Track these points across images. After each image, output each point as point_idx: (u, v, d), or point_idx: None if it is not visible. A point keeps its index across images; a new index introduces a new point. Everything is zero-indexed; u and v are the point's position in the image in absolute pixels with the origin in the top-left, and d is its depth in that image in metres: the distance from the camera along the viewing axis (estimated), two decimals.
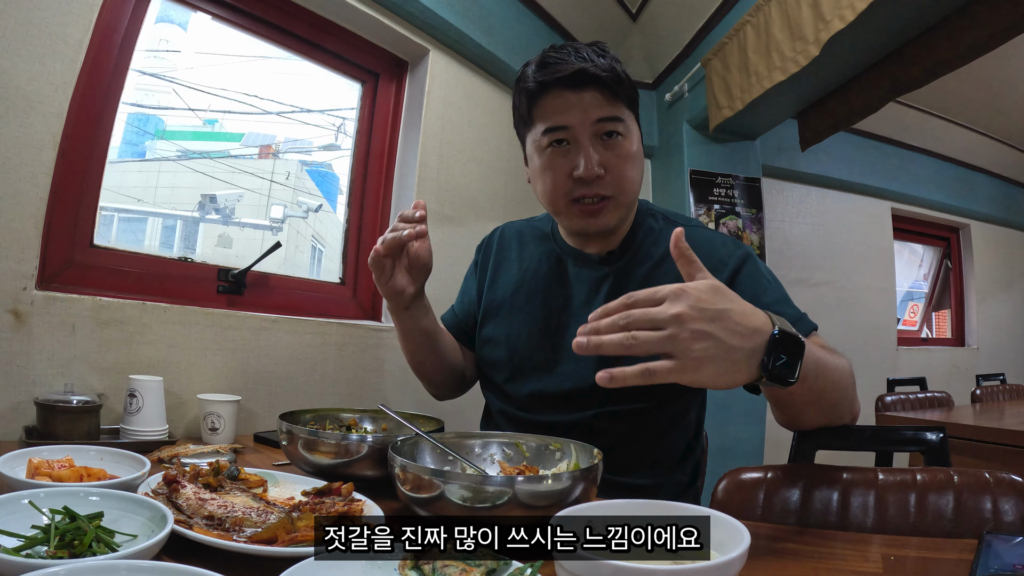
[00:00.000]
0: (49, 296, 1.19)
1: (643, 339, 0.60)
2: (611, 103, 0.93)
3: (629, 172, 0.95)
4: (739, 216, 2.70)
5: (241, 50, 1.74)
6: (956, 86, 3.03)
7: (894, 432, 0.87)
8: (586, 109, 0.92)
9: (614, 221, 0.98)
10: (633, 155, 0.96)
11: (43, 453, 0.79)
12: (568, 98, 0.93)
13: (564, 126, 0.93)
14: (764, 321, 0.65)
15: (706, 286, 0.63)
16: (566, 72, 0.91)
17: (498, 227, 1.22)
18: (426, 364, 1.10)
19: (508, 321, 1.08)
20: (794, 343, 0.65)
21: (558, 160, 0.95)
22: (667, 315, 0.60)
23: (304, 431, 0.87)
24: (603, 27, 2.66)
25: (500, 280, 1.13)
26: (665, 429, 1.02)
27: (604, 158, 0.93)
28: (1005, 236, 4.51)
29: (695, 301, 0.61)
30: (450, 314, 1.21)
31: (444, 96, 2.03)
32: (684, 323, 0.60)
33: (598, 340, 0.61)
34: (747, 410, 2.48)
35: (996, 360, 4.20)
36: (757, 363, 0.64)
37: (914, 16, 1.94)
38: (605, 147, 0.94)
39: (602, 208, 0.96)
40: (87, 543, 0.52)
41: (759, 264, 1.00)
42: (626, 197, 0.97)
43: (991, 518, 0.69)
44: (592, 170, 0.92)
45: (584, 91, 0.92)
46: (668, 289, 0.62)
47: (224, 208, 1.77)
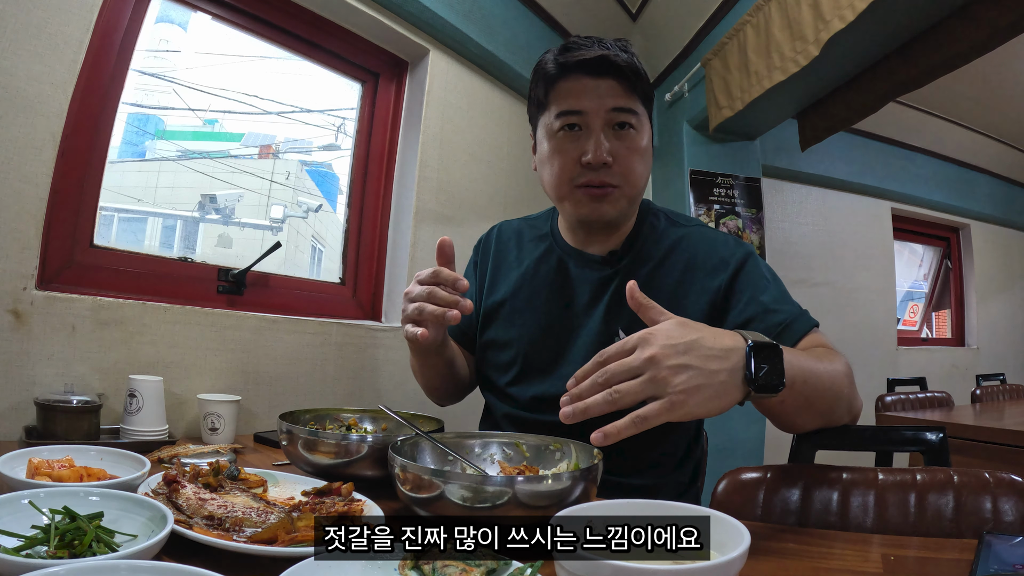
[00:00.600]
0: (49, 296, 1.19)
1: (625, 390, 0.62)
2: (627, 95, 0.94)
3: (637, 165, 0.96)
4: (739, 216, 2.70)
5: (241, 50, 1.74)
6: (956, 86, 3.03)
7: (894, 432, 0.87)
8: (602, 96, 0.93)
9: (616, 212, 0.98)
10: (643, 150, 0.97)
11: (43, 453, 0.78)
12: (586, 83, 0.93)
13: (579, 111, 0.94)
14: (736, 339, 0.67)
15: (670, 324, 0.66)
16: (587, 57, 0.92)
17: (494, 226, 1.21)
18: (440, 387, 1.11)
19: (511, 324, 1.07)
20: (771, 349, 0.66)
21: (568, 144, 0.96)
22: (641, 359, 0.62)
23: (304, 431, 0.87)
24: (603, 27, 2.65)
25: (500, 282, 1.12)
26: (666, 431, 1.01)
27: (614, 147, 0.94)
28: (1005, 236, 4.51)
29: (664, 339, 0.63)
30: (455, 328, 1.19)
31: (444, 96, 2.03)
32: (659, 363, 0.61)
33: (583, 405, 0.63)
34: (747, 410, 2.45)
35: (996, 360, 4.21)
36: (741, 379, 0.65)
37: (914, 16, 1.94)
38: (616, 137, 0.94)
39: (607, 194, 0.96)
40: (87, 543, 0.52)
41: (759, 263, 1.00)
42: (631, 189, 0.97)
43: (991, 518, 0.69)
44: (601, 156, 0.92)
45: (602, 79, 0.93)
46: (635, 337, 0.64)
47: (224, 208, 1.77)
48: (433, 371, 1.06)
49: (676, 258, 1.00)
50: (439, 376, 1.07)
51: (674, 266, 1.00)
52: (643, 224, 1.05)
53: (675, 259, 1.00)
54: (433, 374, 1.07)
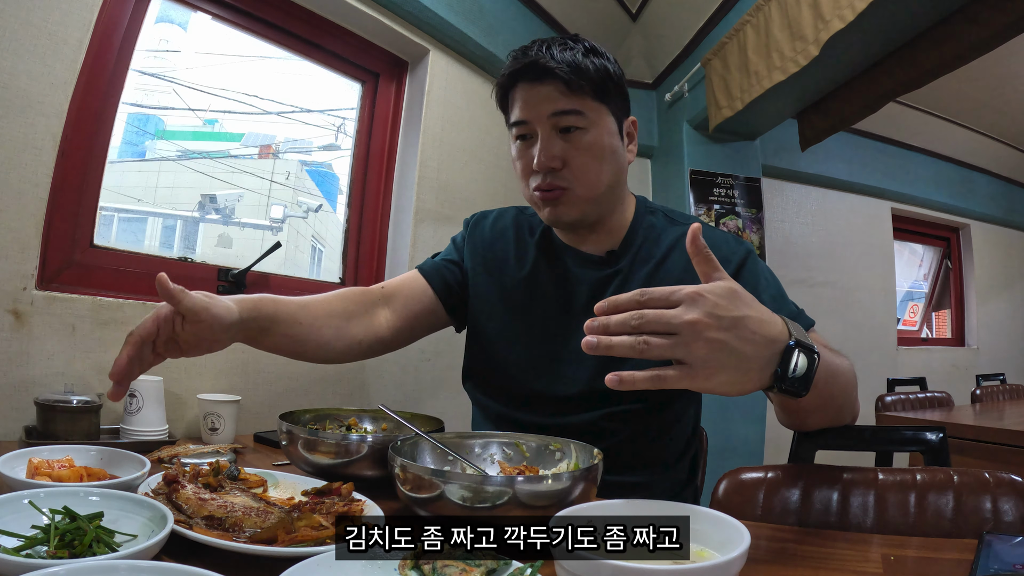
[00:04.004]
0: (49, 296, 1.19)
1: (656, 345, 0.58)
2: (568, 96, 0.92)
3: (590, 164, 0.94)
4: (739, 216, 2.70)
5: (241, 50, 1.74)
6: (956, 86, 3.03)
7: (894, 432, 0.87)
8: (541, 103, 0.93)
9: (577, 213, 0.97)
10: (597, 148, 0.94)
11: (43, 453, 0.78)
12: (527, 91, 0.94)
13: (523, 120, 0.95)
14: (780, 330, 0.64)
15: (723, 290, 0.61)
16: (520, 66, 0.93)
17: (487, 212, 1.19)
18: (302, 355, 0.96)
19: (508, 321, 1.06)
20: (809, 353, 0.64)
21: (524, 152, 0.97)
22: (682, 320, 0.58)
23: (304, 431, 0.87)
24: (603, 27, 2.66)
25: (496, 275, 1.09)
26: (665, 428, 1.02)
27: (562, 150, 0.93)
28: (1005, 236, 4.51)
29: (712, 307, 0.59)
30: (434, 270, 1.11)
31: (444, 96, 2.03)
32: (699, 331, 0.58)
33: (608, 341, 0.59)
34: (747, 410, 2.47)
35: (996, 360, 4.20)
36: (771, 373, 0.63)
37: (914, 16, 1.94)
38: (564, 139, 0.94)
39: (557, 197, 0.95)
40: (87, 543, 0.52)
41: (759, 262, 1.00)
42: (587, 191, 0.95)
43: (991, 518, 0.69)
44: (544, 163, 0.92)
45: (541, 84, 0.92)
46: (685, 292, 0.59)
47: (224, 208, 1.77)
48: (273, 351, 0.92)
49: (676, 257, 1.00)
50: (282, 352, 0.93)
51: (675, 264, 1.00)
52: (642, 223, 1.04)
53: (675, 258, 1.00)
54: (276, 352, 0.93)
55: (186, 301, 0.75)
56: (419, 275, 1.11)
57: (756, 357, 0.61)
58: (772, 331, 0.63)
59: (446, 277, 1.10)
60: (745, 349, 0.60)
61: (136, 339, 0.74)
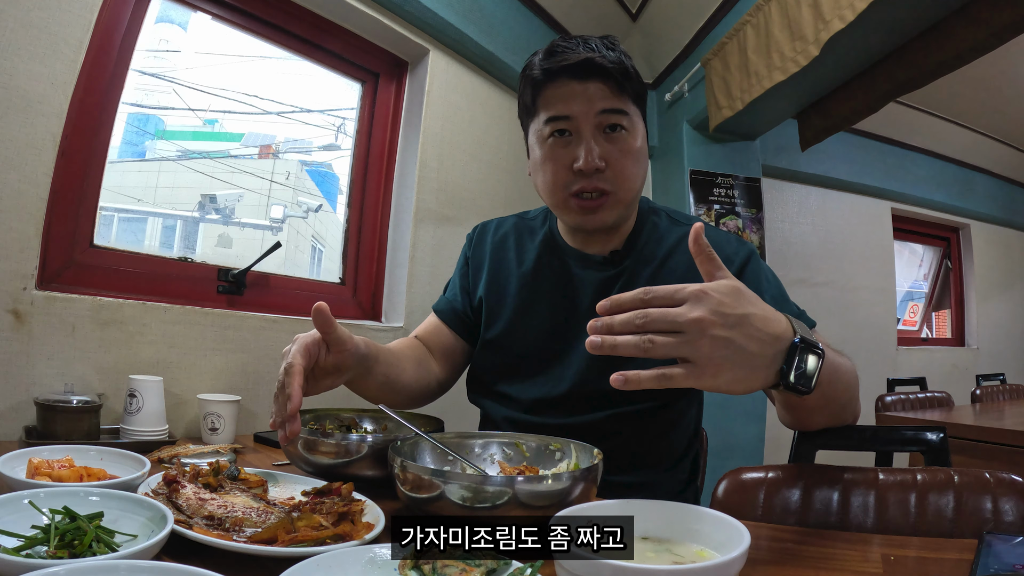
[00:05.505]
0: (49, 296, 1.19)
1: (661, 343, 0.58)
2: (616, 96, 0.91)
3: (631, 168, 0.94)
4: (739, 216, 2.70)
5: (241, 50, 1.74)
6: (956, 86, 3.03)
7: (894, 432, 0.87)
8: (590, 100, 0.90)
9: (613, 218, 0.96)
10: (636, 151, 0.94)
11: (43, 453, 0.78)
12: (573, 88, 0.91)
13: (567, 116, 0.92)
14: (785, 328, 0.63)
15: (727, 288, 0.61)
16: (572, 61, 0.89)
17: (489, 222, 1.18)
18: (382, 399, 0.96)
19: (512, 326, 1.06)
20: (814, 351, 0.63)
21: (559, 151, 0.94)
22: (687, 319, 0.57)
23: (304, 431, 0.87)
24: (603, 27, 2.65)
25: (499, 282, 1.10)
26: (667, 429, 1.02)
27: (605, 151, 0.92)
28: (1005, 236, 4.51)
29: (716, 305, 0.58)
30: (448, 307, 1.13)
31: (444, 96, 2.03)
32: (705, 329, 0.57)
33: (613, 341, 0.59)
34: (747, 410, 2.48)
35: (996, 360, 4.21)
36: (776, 371, 0.62)
37: (914, 16, 1.94)
38: (607, 140, 0.92)
39: (600, 204, 0.94)
40: (87, 543, 0.52)
41: (761, 263, 1.00)
42: (626, 194, 0.95)
43: (991, 518, 0.69)
44: (592, 162, 0.90)
45: (589, 82, 0.90)
46: (689, 290, 0.59)
47: (224, 208, 1.77)
48: (366, 393, 0.95)
49: (679, 257, 1.00)
50: (374, 394, 0.95)
51: (677, 265, 0.99)
52: (644, 223, 1.04)
53: (678, 258, 1.00)
54: (368, 395, 0.95)
55: (339, 330, 0.78)
56: (437, 319, 1.14)
57: (762, 354, 0.61)
58: (777, 329, 0.62)
59: (457, 310, 1.13)
60: (750, 346, 0.60)
61: (300, 369, 0.74)
